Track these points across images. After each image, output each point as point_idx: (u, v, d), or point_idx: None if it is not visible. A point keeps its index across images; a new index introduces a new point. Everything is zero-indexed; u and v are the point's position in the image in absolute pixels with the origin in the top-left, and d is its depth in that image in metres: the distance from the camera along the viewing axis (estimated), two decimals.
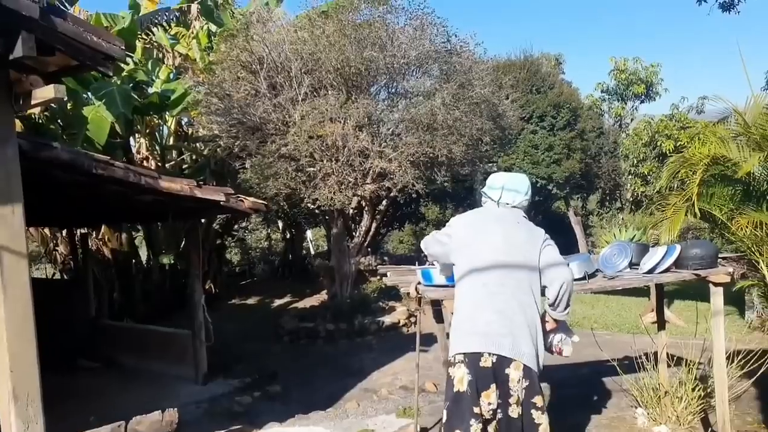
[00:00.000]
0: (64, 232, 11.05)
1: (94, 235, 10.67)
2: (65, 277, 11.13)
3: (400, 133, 8.37)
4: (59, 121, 9.34)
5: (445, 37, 8.53)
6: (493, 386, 2.59)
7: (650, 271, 3.46)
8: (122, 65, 9.00)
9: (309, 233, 20.42)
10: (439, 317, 4.11)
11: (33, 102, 2.90)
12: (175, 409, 2.31)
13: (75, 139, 8.03)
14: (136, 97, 9.87)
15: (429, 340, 8.19)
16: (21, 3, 2.59)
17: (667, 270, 3.47)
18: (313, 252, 20.28)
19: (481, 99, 8.30)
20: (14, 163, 2.88)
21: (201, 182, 5.94)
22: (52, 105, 7.29)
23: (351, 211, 10.69)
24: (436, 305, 4.05)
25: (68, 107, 9.11)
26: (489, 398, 2.59)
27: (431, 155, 8.23)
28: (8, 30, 2.69)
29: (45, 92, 2.88)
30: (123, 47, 3.12)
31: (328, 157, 7.99)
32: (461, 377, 2.62)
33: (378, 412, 5.21)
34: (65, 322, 7.01)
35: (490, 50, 28.42)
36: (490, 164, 11.24)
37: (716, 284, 3.47)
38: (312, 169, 8.13)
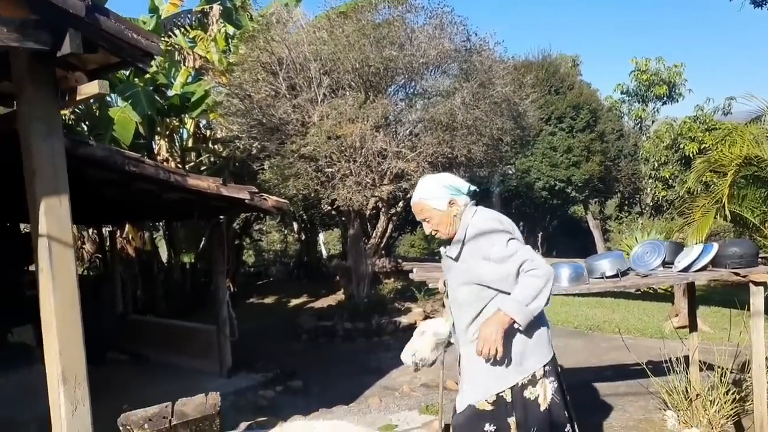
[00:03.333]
0: (91, 230, 11.24)
1: (118, 234, 10.84)
2: (91, 274, 11.31)
3: (419, 134, 8.41)
4: (86, 122, 9.54)
5: (464, 35, 8.58)
6: None
7: (685, 270, 3.44)
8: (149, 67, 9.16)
9: (321, 236, 20.55)
10: None
11: (78, 98, 2.98)
12: (217, 393, 2.37)
13: (102, 139, 8.19)
14: (158, 99, 10.05)
15: None
16: (69, 2, 2.67)
17: (703, 269, 3.44)
18: (325, 254, 20.40)
19: (502, 98, 8.32)
20: (61, 156, 2.97)
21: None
22: (83, 104, 7.43)
23: (368, 212, 10.75)
24: None
25: (94, 108, 9.31)
26: None
27: (450, 155, 8.26)
28: (56, 28, 2.77)
29: (89, 88, 2.97)
30: (160, 44, 3.20)
31: (346, 158, 8.06)
32: (545, 392, 2.40)
33: (400, 408, 5.25)
34: (95, 317, 7.12)
35: (508, 50, 28.30)
36: (509, 166, 11.22)
37: (757, 283, 3.41)
38: (330, 169, 8.20)
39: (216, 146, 12.04)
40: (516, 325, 2.22)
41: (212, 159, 12.47)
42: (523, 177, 14.48)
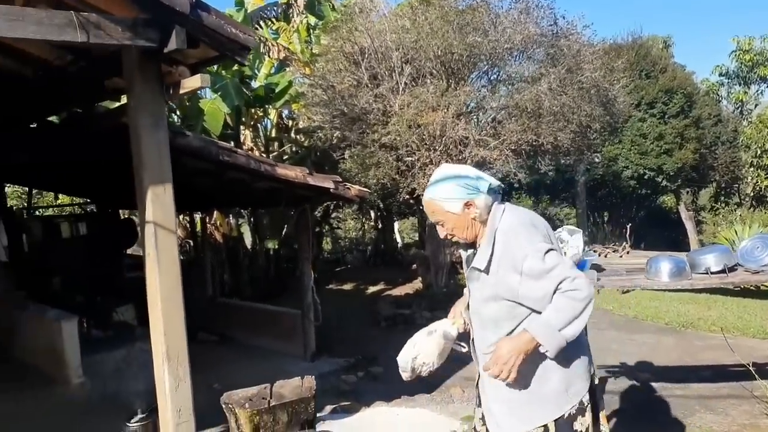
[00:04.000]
0: (181, 216, 11.88)
1: (207, 221, 11.38)
2: (182, 258, 11.96)
3: (502, 121, 8.23)
4: (177, 113, 10.07)
5: (551, 19, 8.30)
6: None
7: None
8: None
9: (396, 225, 20.65)
10: None
11: (181, 91, 3.14)
12: (312, 377, 2.44)
13: (193, 130, 8.58)
14: (244, 90, 10.41)
15: None
16: (175, 0, 2.81)
17: None
18: (400, 243, 20.49)
19: (591, 84, 7.97)
20: (165, 146, 3.14)
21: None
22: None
23: None
24: None
25: (185, 100, 9.79)
26: None
27: (534, 143, 8.03)
28: (163, 25, 2.92)
29: (192, 82, 3.11)
30: (256, 38, 3.30)
31: (426, 147, 8.02)
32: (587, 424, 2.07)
33: None
34: (187, 299, 7.56)
35: (597, 33, 26.89)
36: (596, 154, 10.75)
37: None
38: (410, 158, 8.19)
39: (298, 136, 12.35)
40: (543, 349, 1.88)
41: (294, 149, 12.80)
42: (610, 165, 13.84)
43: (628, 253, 12.57)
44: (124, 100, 4.76)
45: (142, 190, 3.13)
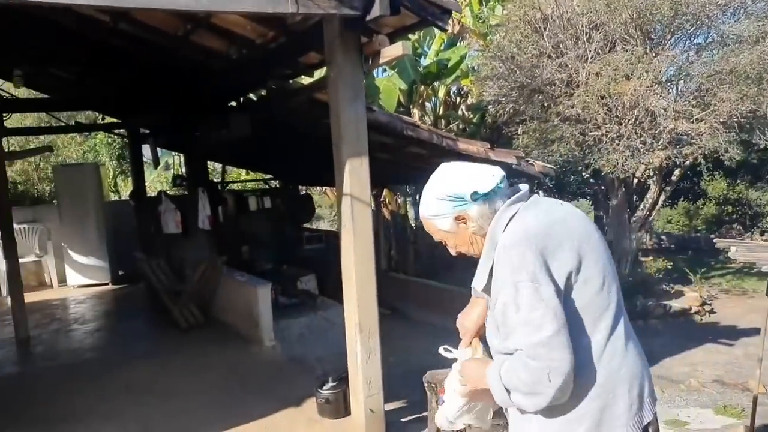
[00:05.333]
0: None
1: (378, 197, 11.70)
2: None
3: (711, 88, 7.12)
4: None
5: None
6: None
7: None
8: (409, 36, 9.48)
9: None
10: None
11: (381, 61, 3.06)
12: None
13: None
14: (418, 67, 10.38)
15: (731, 332, 7.02)
16: None
17: None
18: None
19: None
20: (362, 120, 3.10)
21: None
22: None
23: (635, 180, 9.68)
24: None
25: None
26: None
27: (751, 113, 6.84)
28: None
29: (392, 50, 3.02)
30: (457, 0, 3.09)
31: (617, 120, 7.25)
32: None
33: (688, 404, 4.64)
34: None
35: None
36: None
37: None
38: (595, 132, 7.48)
39: (467, 113, 12.09)
40: None
41: (461, 126, 12.56)
42: None
43: None
44: (315, 76, 4.91)
45: (341, 162, 3.13)
